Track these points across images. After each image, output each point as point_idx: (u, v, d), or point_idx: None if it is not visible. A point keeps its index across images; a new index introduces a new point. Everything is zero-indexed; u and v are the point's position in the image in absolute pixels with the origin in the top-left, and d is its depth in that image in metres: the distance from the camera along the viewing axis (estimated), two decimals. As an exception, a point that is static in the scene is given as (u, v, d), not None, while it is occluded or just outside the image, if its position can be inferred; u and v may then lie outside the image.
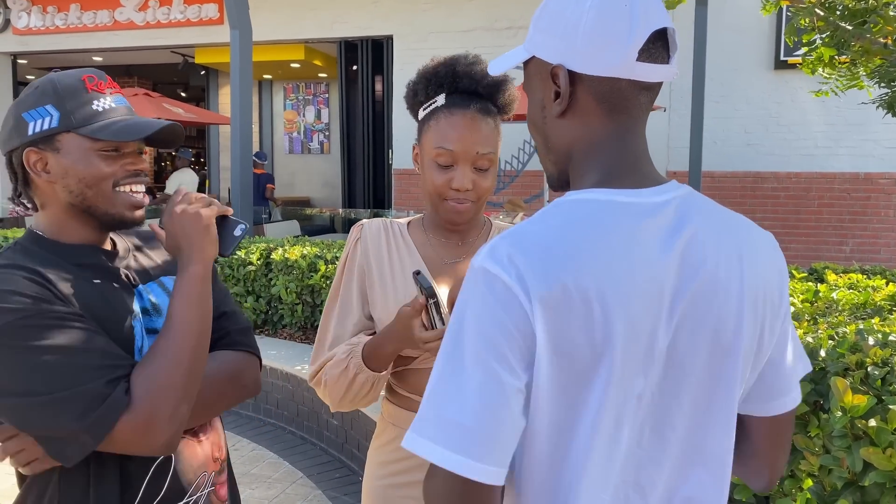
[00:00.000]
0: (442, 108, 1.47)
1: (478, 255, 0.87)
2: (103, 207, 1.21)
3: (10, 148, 1.21)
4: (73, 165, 1.18)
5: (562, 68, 0.92)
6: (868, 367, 1.96)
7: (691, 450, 0.93)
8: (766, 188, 8.61)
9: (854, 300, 2.99)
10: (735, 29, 8.46)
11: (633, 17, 0.88)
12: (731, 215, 0.97)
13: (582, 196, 0.91)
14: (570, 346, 0.83)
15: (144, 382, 1.10)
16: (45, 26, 11.57)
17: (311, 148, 13.29)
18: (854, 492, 1.87)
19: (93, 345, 1.10)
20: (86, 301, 1.16)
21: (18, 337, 1.06)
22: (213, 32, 10.85)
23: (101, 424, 1.06)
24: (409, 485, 1.52)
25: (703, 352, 0.90)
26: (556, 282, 0.83)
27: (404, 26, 9.82)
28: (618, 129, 0.94)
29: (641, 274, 0.86)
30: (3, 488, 3.69)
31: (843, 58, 3.72)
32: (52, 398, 1.05)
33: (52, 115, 1.17)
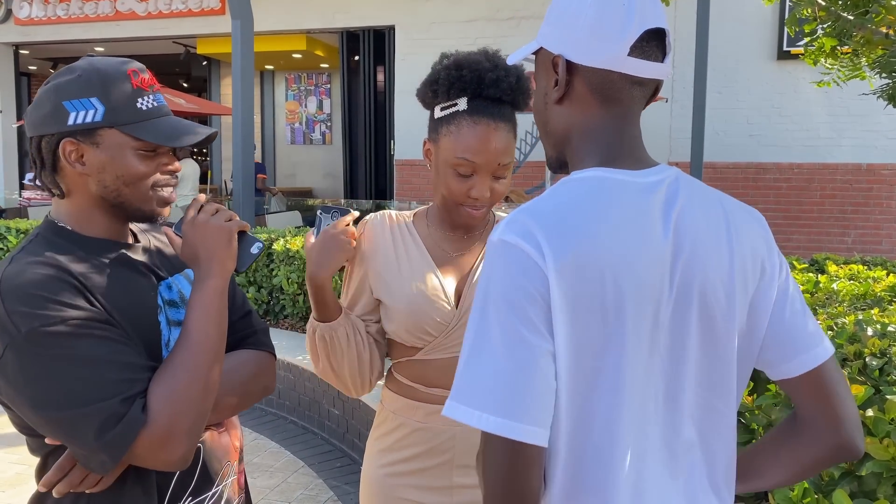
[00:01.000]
0: (464, 114, 1.45)
1: (495, 231, 0.93)
2: (136, 204, 1.20)
3: (43, 133, 1.17)
4: (111, 161, 1.16)
5: (561, 58, 1.00)
6: (866, 357, 1.97)
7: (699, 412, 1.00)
8: (768, 179, 8.60)
9: (854, 291, 2.99)
10: (737, 19, 8.43)
11: (628, 15, 0.96)
12: (716, 192, 1.04)
13: (586, 174, 0.98)
14: (586, 312, 0.89)
15: (163, 398, 1.07)
16: (46, 16, 11.56)
17: (313, 138, 13.28)
18: (851, 481, 1.88)
19: (116, 356, 1.08)
20: (114, 298, 1.14)
21: (43, 345, 1.04)
22: (215, 23, 10.83)
23: (119, 444, 1.04)
24: (408, 473, 1.53)
25: (696, 319, 0.97)
26: (571, 250, 0.89)
27: (406, 16, 9.79)
28: (611, 118, 1.01)
29: (645, 245, 0.93)
30: (6, 477, 3.72)
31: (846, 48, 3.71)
32: (70, 414, 1.03)
33: (98, 109, 1.15)
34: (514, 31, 9.24)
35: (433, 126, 1.51)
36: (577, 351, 0.89)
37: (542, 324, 0.88)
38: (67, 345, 1.04)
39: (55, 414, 1.04)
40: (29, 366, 1.04)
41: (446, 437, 1.51)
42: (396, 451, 1.55)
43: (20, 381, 1.05)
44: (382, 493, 1.56)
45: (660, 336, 0.95)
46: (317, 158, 13.14)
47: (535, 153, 9.38)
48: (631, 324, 0.91)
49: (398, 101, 9.83)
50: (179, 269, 1.30)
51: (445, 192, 1.48)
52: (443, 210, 1.54)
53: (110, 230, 1.23)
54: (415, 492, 1.53)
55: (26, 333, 1.03)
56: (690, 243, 0.96)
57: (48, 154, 1.17)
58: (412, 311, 1.48)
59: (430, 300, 1.48)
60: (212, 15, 10.85)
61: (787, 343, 1.04)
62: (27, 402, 1.06)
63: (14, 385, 1.06)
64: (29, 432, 1.17)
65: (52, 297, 1.06)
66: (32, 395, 1.05)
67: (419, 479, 1.53)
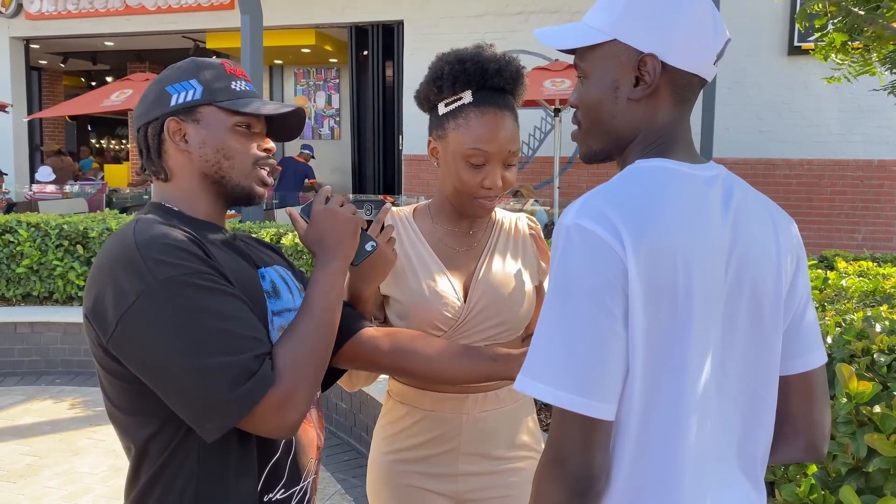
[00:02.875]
0: (470, 106, 1.47)
1: (568, 213, 0.95)
2: (236, 179, 1.25)
3: (149, 119, 1.24)
4: (210, 136, 1.23)
5: (655, 58, 1.01)
6: (874, 353, 1.96)
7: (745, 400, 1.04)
8: (778, 175, 8.56)
9: (863, 288, 2.98)
10: (748, 14, 8.38)
11: (714, 25, 1.02)
12: (756, 191, 1.10)
13: (653, 164, 1.01)
14: (659, 296, 0.92)
15: (289, 362, 1.10)
16: (56, 11, 11.60)
17: (322, 133, 13.29)
18: (858, 478, 1.88)
19: (246, 314, 1.11)
20: (231, 271, 1.17)
21: (180, 294, 1.05)
22: (224, 17, 10.85)
23: (250, 397, 1.05)
24: (415, 460, 1.56)
25: (746, 309, 1.01)
26: (647, 236, 0.91)
27: (415, 11, 9.78)
28: (679, 116, 1.06)
29: (710, 234, 0.96)
30: (17, 468, 3.75)
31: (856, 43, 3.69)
32: (207, 363, 1.04)
33: (196, 89, 1.23)
34: (522, 25, 9.22)
35: (438, 123, 1.52)
36: (649, 333, 0.92)
37: (617, 308, 0.91)
38: (202, 296, 1.07)
39: (189, 362, 1.03)
40: (165, 313, 1.05)
41: (453, 424, 1.54)
42: (403, 439, 1.57)
43: (151, 330, 1.05)
44: (389, 480, 1.58)
45: (716, 324, 0.98)
46: (325, 153, 13.15)
47: (544, 148, 9.35)
48: (697, 310, 0.94)
49: (407, 96, 9.82)
50: (269, 264, 1.33)
51: (458, 185, 1.49)
52: (454, 203, 1.55)
53: (211, 213, 1.27)
54: (421, 478, 1.56)
55: (163, 281, 1.05)
56: (745, 237, 1.00)
57: (153, 138, 1.24)
58: (422, 308, 1.50)
59: (439, 296, 1.50)
60: (221, 10, 10.87)
61: (798, 340, 1.08)
62: (156, 352, 1.05)
63: (143, 334, 1.05)
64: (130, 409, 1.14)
65: (187, 249, 1.09)
66: (165, 344, 1.04)
67: (425, 467, 1.56)
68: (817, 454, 1.13)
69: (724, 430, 1.02)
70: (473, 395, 1.54)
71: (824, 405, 1.12)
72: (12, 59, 12.20)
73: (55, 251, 5.75)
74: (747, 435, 1.04)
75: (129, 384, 1.11)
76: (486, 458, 1.56)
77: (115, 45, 13.04)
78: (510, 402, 1.57)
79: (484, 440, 1.56)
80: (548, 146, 9.26)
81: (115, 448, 4.03)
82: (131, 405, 1.14)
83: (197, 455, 1.12)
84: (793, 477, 2.08)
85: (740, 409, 1.03)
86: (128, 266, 1.07)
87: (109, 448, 4.04)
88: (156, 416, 1.11)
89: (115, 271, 1.08)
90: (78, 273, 5.74)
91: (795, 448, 1.13)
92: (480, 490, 1.57)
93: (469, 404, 1.54)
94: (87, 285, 1.13)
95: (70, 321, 5.44)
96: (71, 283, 5.81)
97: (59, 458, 3.88)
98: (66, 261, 5.76)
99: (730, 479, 1.03)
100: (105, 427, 4.33)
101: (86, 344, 5.44)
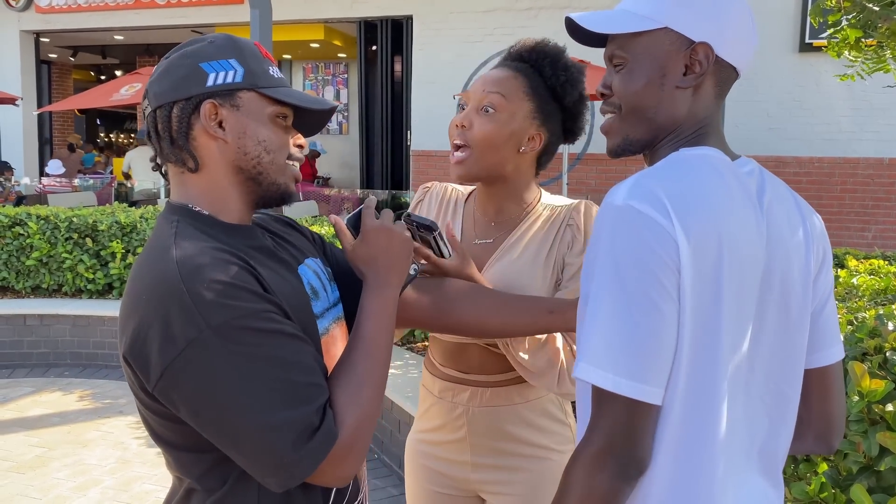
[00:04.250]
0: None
1: (617, 195, 0.93)
2: (273, 176, 1.11)
3: (178, 97, 1.06)
4: (251, 125, 1.08)
5: (709, 47, 1.01)
6: (886, 352, 1.95)
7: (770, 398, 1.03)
8: (788, 173, 8.51)
9: (874, 286, 2.96)
10: (759, 10, 8.32)
11: (753, 23, 1.05)
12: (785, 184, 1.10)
13: (701, 152, 1.01)
14: (702, 283, 0.91)
15: (351, 411, 1.00)
16: (67, 5, 11.63)
17: (330, 128, 13.29)
18: (869, 476, 1.87)
19: (305, 357, 0.99)
20: (279, 287, 1.04)
21: (235, 342, 0.92)
22: (234, 11, 10.85)
23: (315, 456, 0.94)
24: (433, 443, 1.63)
25: (775, 306, 1.01)
26: (697, 221, 0.91)
27: (424, 6, 9.76)
28: (716, 108, 1.07)
29: (751, 227, 0.96)
30: (26, 460, 3.77)
31: (870, 40, 3.65)
32: (269, 421, 0.92)
33: (237, 70, 1.08)
34: (532, 21, 9.18)
35: None
36: (695, 318, 0.92)
37: (673, 290, 0.90)
38: (260, 342, 0.94)
39: (248, 420, 0.92)
40: (220, 364, 0.92)
41: (458, 413, 1.57)
42: (426, 420, 1.65)
43: (204, 382, 0.92)
44: (414, 458, 1.68)
45: (749, 319, 0.98)
46: (334, 148, 13.15)
47: (553, 145, 9.32)
48: (734, 302, 0.94)
49: (415, 92, 9.80)
50: (302, 259, 1.20)
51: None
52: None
53: (241, 214, 1.12)
54: (439, 462, 1.62)
55: (217, 327, 0.91)
56: (777, 232, 1.00)
57: (181, 121, 1.06)
58: None
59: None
60: (230, 4, 10.87)
61: (817, 335, 1.09)
62: (210, 407, 0.93)
63: (194, 386, 0.93)
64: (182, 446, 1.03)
65: (240, 284, 0.95)
66: (220, 399, 0.92)
67: (442, 451, 1.62)
68: (828, 447, 1.14)
69: (748, 426, 1.01)
70: (474, 389, 1.55)
71: (840, 400, 1.13)
72: (22, 52, 12.24)
73: (65, 244, 5.77)
74: (771, 433, 1.04)
75: (179, 424, 0.99)
76: (499, 453, 1.56)
77: (124, 39, 13.07)
78: (519, 400, 1.56)
79: (492, 435, 1.56)
80: (556, 142, 9.23)
81: (123, 440, 4.05)
82: (183, 442, 1.02)
83: (257, 489, 1.03)
84: (803, 475, 2.07)
85: (766, 406, 1.03)
86: (175, 307, 0.92)
87: (118, 440, 4.05)
88: (212, 452, 1.00)
89: (159, 311, 0.93)
90: (87, 266, 5.76)
91: (806, 441, 1.14)
92: (496, 483, 1.58)
93: (469, 396, 1.55)
94: (122, 317, 0.99)
95: (79, 314, 5.46)
96: (80, 275, 5.83)
97: (67, 450, 3.90)
98: (75, 253, 5.78)
99: (750, 475, 1.03)
100: (113, 419, 4.34)
101: (94, 336, 5.48)
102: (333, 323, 1.20)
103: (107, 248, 5.76)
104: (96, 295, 5.90)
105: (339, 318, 1.24)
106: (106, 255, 5.77)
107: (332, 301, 1.22)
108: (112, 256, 5.75)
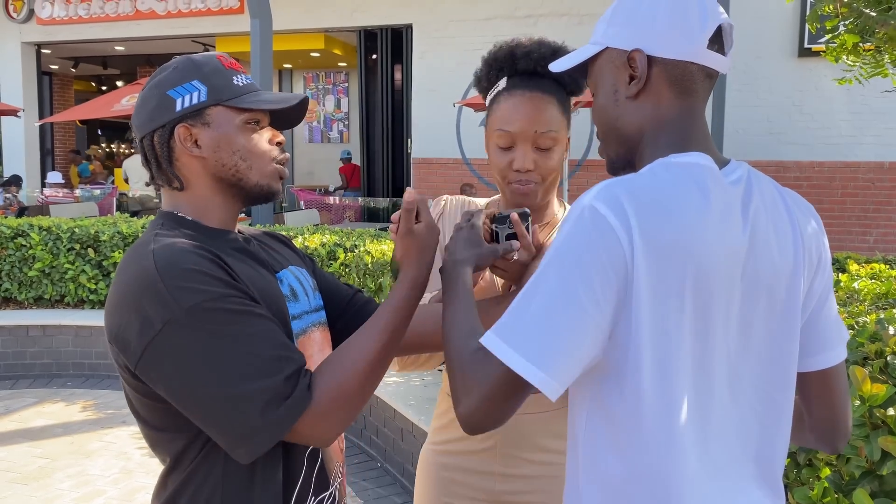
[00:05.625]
0: (503, 91, 1.47)
1: (588, 194, 0.95)
2: (255, 179, 1.19)
3: (154, 127, 1.17)
4: (224, 138, 1.17)
5: (640, 52, 1.03)
6: (888, 356, 1.95)
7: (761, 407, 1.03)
8: (789, 177, 8.52)
9: (876, 290, 2.96)
10: (758, 16, 8.36)
11: (702, 9, 1.02)
12: (775, 184, 1.09)
13: (686, 159, 1.00)
14: (664, 293, 0.92)
15: (333, 383, 1.06)
16: (68, 16, 11.68)
17: (331, 137, 13.34)
18: (872, 481, 1.86)
19: (273, 334, 1.06)
20: (251, 282, 1.12)
21: (206, 321, 1.02)
22: (234, 21, 10.90)
23: (281, 423, 1.02)
24: (457, 453, 1.59)
25: (762, 314, 1.00)
26: (661, 232, 0.91)
27: (424, 15, 9.79)
28: (686, 109, 1.05)
29: (728, 239, 0.96)
30: (29, 471, 3.77)
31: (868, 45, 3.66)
32: (238, 391, 1.00)
33: (200, 90, 1.16)
34: (531, 29, 9.21)
35: (488, 114, 1.52)
36: (655, 332, 0.92)
37: (603, 296, 0.90)
38: (229, 320, 1.03)
39: (219, 391, 1.01)
40: (192, 342, 1.02)
41: None
42: (449, 431, 1.60)
43: (179, 359, 1.02)
44: (433, 471, 1.62)
45: (729, 330, 0.98)
46: (335, 156, 13.18)
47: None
48: (703, 313, 0.94)
49: (415, 100, 9.82)
50: (284, 265, 1.28)
51: (494, 171, 1.49)
52: (503, 196, 1.54)
53: (226, 220, 1.22)
54: (462, 473, 1.58)
55: (188, 309, 1.01)
56: (763, 241, 0.99)
57: (162, 147, 1.17)
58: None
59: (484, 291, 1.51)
60: (231, 14, 10.91)
61: (819, 336, 1.08)
62: (186, 381, 1.02)
63: (170, 363, 1.02)
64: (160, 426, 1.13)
65: (209, 272, 1.05)
66: (193, 373, 1.02)
67: (466, 461, 1.58)
68: (832, 449, 1.15)
69: (739, 435, 1.01)
70: None
71: (844, 403, 1.12)
72: (24, 63, 12.30)
73: (67, 255, 5.78)
74: (765, 440, 1.04)
75: (159, 403, 1.09)
76: (525, 461, 1.55)
77: (125, 50, 13.12)
78: (549, 406, 1.55)
79: (521, 443, 1.55)
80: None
81: (126, 450, 4.04)
82: (161, 422, 1.12)
83: (222, 466, 1.11)
84: (805, 480, 2.06)
85: (757, 414, 1.02)
86: (151, 293, 1.03)
87: (121, 450, 4.05)
88: (185, 432, 1.10)
89: (137, 298, 1.04)
90: (89, 276, 5.77)
91: (808, 440, 1.15)
92: (519, 493, 1.56)
93: None
94: (107, 309, 1.09)
95: (81, 324, 5.47)
96: (82, 286, 5.84)
97: (70, 461, 3.90)
98: (77, 264, 5.79)
99: (746, 485, 1.03)
100: (116, 429, 4.34)
101: (97, 347, 5.48)
102: (314, 327, 1.26)
103: (109, 258, 5.77)
104: (98, 305, 5.91)
105: (322, 323, 1.30)
106: (108, 265, 5.78)
107: (312, 306, 1.28)
108: (114, 267, 5.76)
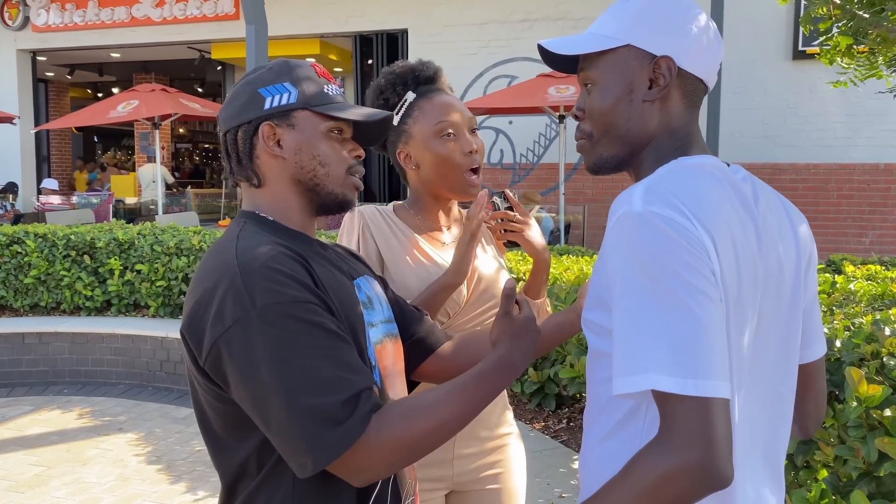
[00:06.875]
0: (418, 100, 1.59)
1: (633, 203, 0.92)
2: (330, 187, 1.21)
3: (240, 122, 1.20)
4: (306, 142, 1.19)
5: (670, 60, 1.05)
6: (884, 357, 1.95)
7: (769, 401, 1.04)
8: (785, 180, 8.54)
9: (872, 291, 2.96)
10: (752, 19, 8.38)
11: (716, 37, 1.08)
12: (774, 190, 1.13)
13: (700, 160, 1.03)
14: (728, 284, 0.92)
15: (393, 426, 1.00)
16: (63, 23, 11.68)
17: (327, 142, 13.33)
18: (869, 482, 1.87)
19: (337, 352, 1.02)
20: (331, 287, 1.12)
21: (275, 325, 1.00)
22: (229, 28, 10.90)
23: (335, 447, 0.97)
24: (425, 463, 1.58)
25: (772, 309, 1.02)
26: (715, 225, 0.92)
27: (419, 20, 9.81)
28: (691, 120, 1.10)
29: (750, 232, 0.98)
30: (25, 479, 3.75)
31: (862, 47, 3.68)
32: (292, 403, 0.97)
33: (290, 92, 1.19)
34: (526, 33, 9.23)
35: (399, 132, 1.60)
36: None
37: (707, 286, 0.88)
38: (296, 329, 1.00)
39: (280, 398, 0.98)
40: (259, 344, 1.00)
41: None
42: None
43: (245, 358, 1.00)
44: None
45: (752, 322, 0.99)
46: (331, 162, 13.19)
47: (549, 155, 9.35)
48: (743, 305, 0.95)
49: (411, 105, 9.83)
50: (361, 274, 1.27)
51: (443, 164, 1.57)
52: (440, 192, 1.61)
53: (305, 223, 1.23)
54: (420, 470, 1.58)
55: (261, 308, 1.00)
56: (770, 239, 1.02)
57: (245, 143, 1.20)
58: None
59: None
60: (226, 20, 10.92)
61: (811, 331, 1.13)
62: (249, 381, 1.00)
63: (236, 361, 1.01)
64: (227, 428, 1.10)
65: (291, 273, 1.04)
66: (257, 374, 0.99)
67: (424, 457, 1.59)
68: (804, 435, 1.21)
69: (750, 428, 1.02)
70: None
71: (820, 397, 1.18)
72: (19, 71, 12.28)
73: (62, 261, 5.77)
74: (772, 434, 1.05)
75: (226, 404, 1.07)
76: (477, 439, 1.62)
77: (121, 57, 13.12)
78: None
79: (475, 422, 1.60)
80: (553, 153, 9.26)
81: (122, 458, 4.03)
82: (228, 424, 1.09)
83: (293, 476, 1.07)
84: (803, 482, 2.07)
85: (765, 408, 1.04)
86: (228, 287, 1.02)
87: (117, 458, 4.04)
88: (253, 436, 1.07)
89: (214, 291, 1.03)
90: (85, 283, 5.75)
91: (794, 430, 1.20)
92: (472, 472, 1.62)
93: None
94: (187, 298, 1.09)
95: (77, 331, 5.45)
96: (78, 293, 5.82)
97: (66, 469, 3.88)
98: (73, 271, 5.77)
99: (757, 479, 1.04)
100: (113, 437, 4.33)
101: (93, 354, 5.46)
102: (387, 337, 1.25)
103: (105, 265, 5.76)
104: (95, 312, 5.89)
105: (395, 335, 1.29)
106: (104, 272, 5.77)
107: (386, 317, 1.27)
108: (110, 273, 5.74)
